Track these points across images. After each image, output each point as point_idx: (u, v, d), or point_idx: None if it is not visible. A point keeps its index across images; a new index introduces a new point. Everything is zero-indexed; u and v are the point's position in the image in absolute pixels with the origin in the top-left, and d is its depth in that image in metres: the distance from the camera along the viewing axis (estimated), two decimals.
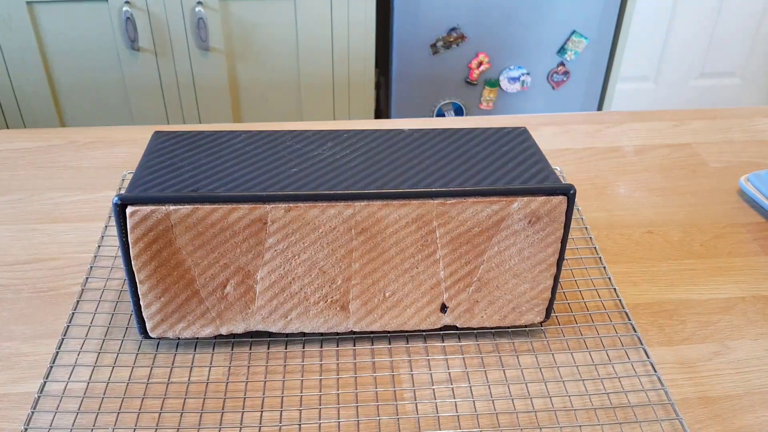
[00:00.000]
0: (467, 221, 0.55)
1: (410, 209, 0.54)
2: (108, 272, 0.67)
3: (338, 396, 0.56)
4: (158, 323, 0.56)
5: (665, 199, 0.81)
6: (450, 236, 0.55)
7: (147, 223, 0.52)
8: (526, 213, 0.55)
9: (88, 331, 0.60)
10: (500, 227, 0.55)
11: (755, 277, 0.70)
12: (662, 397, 0.56)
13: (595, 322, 0.63)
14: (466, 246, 0.56)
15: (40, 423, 0.53)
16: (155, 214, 0.52)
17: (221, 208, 0.52)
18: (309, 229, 0.54)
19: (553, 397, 0.56)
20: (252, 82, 1.80)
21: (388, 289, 0.57)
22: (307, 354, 0.59)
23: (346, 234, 0.54)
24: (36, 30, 1.64)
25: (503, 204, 0.54)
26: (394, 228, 0.54)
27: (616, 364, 0.59)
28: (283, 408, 0.54)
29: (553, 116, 0.96)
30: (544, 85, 2.07)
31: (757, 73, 2.61)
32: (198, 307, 0.56)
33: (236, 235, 0.53)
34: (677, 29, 2.48)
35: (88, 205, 0.76)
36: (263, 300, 0.56)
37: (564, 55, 2.02)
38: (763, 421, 0.55)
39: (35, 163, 0.83)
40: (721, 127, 0.95)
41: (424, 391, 0.56)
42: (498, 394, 0.56)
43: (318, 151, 0.60)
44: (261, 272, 0.55)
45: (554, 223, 0.55)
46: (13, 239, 0.71)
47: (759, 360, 0.61)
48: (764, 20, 2.50)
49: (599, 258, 0.70)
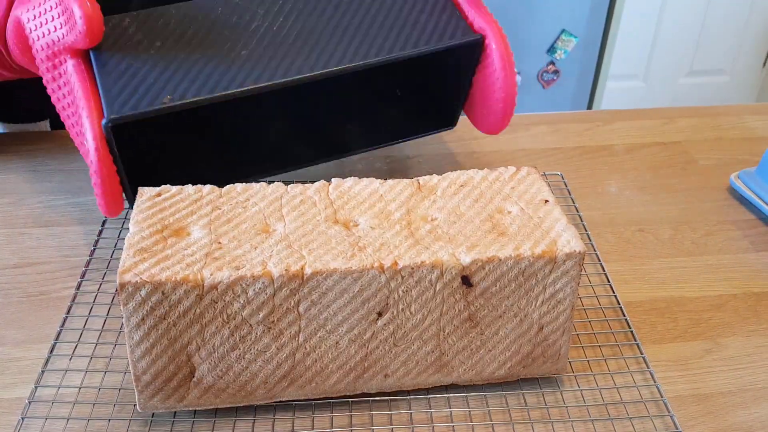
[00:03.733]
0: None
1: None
2: (102, 275, 0.66)
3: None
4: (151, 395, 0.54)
5: (656, 197, 0.81)
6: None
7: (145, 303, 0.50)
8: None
9: (80, 335, 0.60)
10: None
11: (746, 274, 0.70)
12: (655, 394, 0.56)
13: (590, 319, 0.63)
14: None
15: (30, 429, 0.52)
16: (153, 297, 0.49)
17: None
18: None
19: (546, 395, 0.56)
20: None
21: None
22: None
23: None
24: None
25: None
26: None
27: (609, 360, 0.59)
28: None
29: (544, 115, 0.96)
30: (534, 84, 2.07)
31: (745, 71, 2.63)
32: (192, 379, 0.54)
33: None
34: (666, 27, 2.49)
35: (78, 209, 0.76)
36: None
37: (554, 54, 2.03)
38: (755, 417, 0.55)
39: (24, 166, 0.82)
40: (711, 124, 0.95)
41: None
42: (512, 403, 0.56)
43: (255, 24, 0.66)
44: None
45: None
46: (2, 243, 0.71)
47: (750, 357, 0.61)
48: (752, 18, 2.51)
49: (596, 254, 0.71)
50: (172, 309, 0.49)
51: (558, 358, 0.56)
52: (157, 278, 0.48)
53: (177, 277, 0.48)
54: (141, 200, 0.55)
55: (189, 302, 0.49)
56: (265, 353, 0.52)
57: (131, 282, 0.47)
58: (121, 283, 0.47)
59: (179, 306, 0.49)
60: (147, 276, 0.48)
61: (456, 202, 0.57)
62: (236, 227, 0.53)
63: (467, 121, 0.79)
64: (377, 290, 0.51)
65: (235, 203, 0.55)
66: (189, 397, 0.53)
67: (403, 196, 0.57)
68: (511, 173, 0.60)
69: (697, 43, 2.54)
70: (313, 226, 0.53)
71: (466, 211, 0.56)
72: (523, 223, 0.54)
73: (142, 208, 0.54)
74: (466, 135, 0.90)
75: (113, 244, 0.70)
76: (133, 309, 0.48)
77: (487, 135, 0.86)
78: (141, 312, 0.49)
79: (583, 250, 0.52)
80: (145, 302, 0.48)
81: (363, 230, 0.53)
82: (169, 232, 0.52)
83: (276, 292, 0.49)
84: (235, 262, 0.49)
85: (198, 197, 0.56)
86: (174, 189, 0.56)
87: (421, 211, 0.56)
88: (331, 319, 0.51)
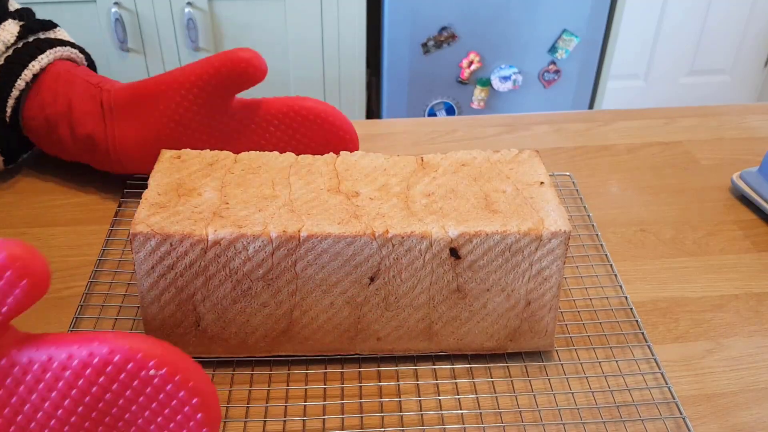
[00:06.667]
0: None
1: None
2: (112, 276, 0.66)
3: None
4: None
5: (657, 197, 0.81)
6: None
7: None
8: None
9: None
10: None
11: (748, 274, 0.70)
12: (666, 395, 0.56)
13: (600, 320, 0.63)
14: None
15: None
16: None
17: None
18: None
19: (557, 394, 0.56)
20: None
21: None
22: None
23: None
24: None
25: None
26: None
27: (620, 361, 0.59)
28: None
29: (545, 115, 0.96)
30: (535, 84, 2.07)
31: (746, 70, 2.63)
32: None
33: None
34: (667, 27, 2.49)
35: (79, 208, 0.76)
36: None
37: (555, 54, 2.03)
38: (758, 418, 0.55)
39: (24, 166, 0.82)
40: (712, 124, 0.95)
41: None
42: (501, 391, 0.56)
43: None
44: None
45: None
46: None
47: (752, 357, 0.61)
48: (753, 17, 2.51)
49: (606, 255, 0.70)
50: (179, 260, 0.53)
51: (545, 334, 0.58)
52: (166, 230, 0.52)
53: (184, 231, 0.52)
54: (162, 160, 0.60)
55: (194, 255, 0.53)
56: (265, 308, 0.55)
57: (143, 232, 0.52)
58: (134, 232, 0.52)
59: (185, 258, 0.53)
60: (157, 228, 0.52)
61: (455, 180, 0.59)
62: (245, 191, 0.57)
63: (466, 120, 0.79)
64: (369, 256, 0.53)
65: (248, 169, 0.59)
66: (194, 345, 0.57)
67: (406, 172, 0.60)
68: (512, 155, 0.62)
69: (698, 43, 2.54)
70: (316, 194, 0.57)
71: (463, 188, 0.58)
72: (516, 202, 0.57)
73: (162, 168, 0.59)
74: (467, 135, 0.90)
75: (120, 248, 0.69)
76: (143, 257, 0.53)
77: (488, 135, 0.86)
78: (151, 260, 0.53)
79: (568, 230, 0.54)
80: (154, 251, 0.52)
81: (362, 201, 0.56)
82: (183, 191, 0.56)
83: (274, 251, 0.53)
84: (238, 222, 0.53)
85: (214, 161, 0.60)
86: (193, 153, 0.61)
87: (420, 186, 0.58)
88: (326, 280, 0.54)
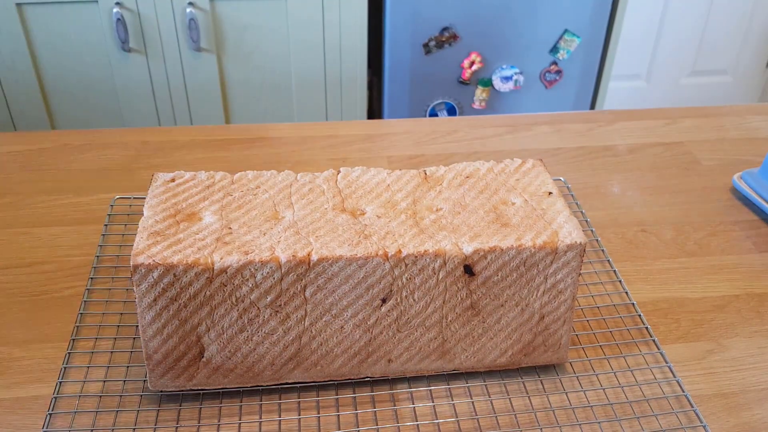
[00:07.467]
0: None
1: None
2: (113, 272, 0.66)
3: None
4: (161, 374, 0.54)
5: (658, 198, 0.81)
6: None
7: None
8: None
9: (98, 331, 0.60)
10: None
11: (749, 274, 0.70)
12: (676, 389, 0.56)
13: (604, 316, 0.63)
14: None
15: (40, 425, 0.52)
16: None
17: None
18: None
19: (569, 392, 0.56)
20: (243, 83, 1.79)
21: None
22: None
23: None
24: (26, 32, 1.63)
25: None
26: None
27: (634, 371, 0.59)
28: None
29: (546, 115, 0.96)
30: (536, 84, 2.07)
31: (748, 71, 2.62)
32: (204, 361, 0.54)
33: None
34: (669, 28, 2.49)
35: (80, 208, 0.76)
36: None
37: (556, 54, 2.03)
38: (759, 418, 0.55)
39: (26, 166, 0.82)
40: (714, 125, 0.95)
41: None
42: (519, 407, 0.56)
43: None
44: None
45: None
46: (5, 243, 0.71)
47: (753, 358, 0.61)
48: (755, 18, 2.51)
49: (608, 261, 0.70)
50: (183, 291, 0.50)
51: (559, 347, 0.57)
52: (168, 261, 0.49)
53: (188, 260, 0.49)
54: (155, 185, 0.56)
55: (199, 285, 0.50)
56: (273, 336, 0.53)
57: (144, 264, 0.49)
58: (135, 264, 0.49)
59: (190, 288, 0.50)
60: (159, 258, 0.49)
61: (461, 193, 0.58)
62: (246, 213, 0.54)
63: (468, 121, 0.79)
64: (381, 277, 0.51)
65: (246, 190, 0.57)
66: (198, 377, 0.54)
67: (410, 187, 0.58)
68: (516, 165, 0.61)
69: (699, 44, 2.54)
70: (321, 214, 0.55)
71: (470, 202, 0.57)
72: (526, 215, 0.55)
73: (157, 192, 0.56)
74: (468, 135, 0.89)
75: (118, 244, 0.69)
76: (145, 290, 0.50)
77: (489, 135, 0.86)
78: (153, 293, 0.50)
79: (584, 242, 0.53)
80: (157, 283, 0.49)
81: (369, 219, 0.54)
82: (182, 217, 0.53)
83: (283, 276, 0.51)
84: (244, 247, 0.51)
85: (210, 183, 0.57)
86: (188, 175, 0.58)
87: (427, 201, 0.57)
88: (337, 303, 0.52)
